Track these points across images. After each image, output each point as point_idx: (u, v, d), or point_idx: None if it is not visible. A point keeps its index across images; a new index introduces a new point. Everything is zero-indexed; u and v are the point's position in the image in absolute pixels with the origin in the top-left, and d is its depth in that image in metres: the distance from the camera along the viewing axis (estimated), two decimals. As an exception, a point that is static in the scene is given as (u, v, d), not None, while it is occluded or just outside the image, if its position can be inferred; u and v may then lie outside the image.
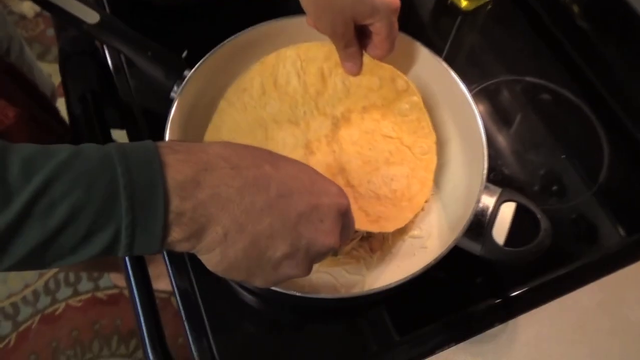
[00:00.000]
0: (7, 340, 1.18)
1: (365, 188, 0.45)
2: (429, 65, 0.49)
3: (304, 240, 0.30)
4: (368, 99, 0.48)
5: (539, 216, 0.42)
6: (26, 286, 1.24)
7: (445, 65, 0.48)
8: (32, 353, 1.17)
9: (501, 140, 0.57)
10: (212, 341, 0.45)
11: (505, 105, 0.59)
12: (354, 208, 0.44)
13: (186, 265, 0.48)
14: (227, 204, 0.27)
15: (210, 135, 0.47)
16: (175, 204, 0.26)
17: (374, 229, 0.43)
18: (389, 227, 0.44)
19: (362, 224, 0.42)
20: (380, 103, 0.48)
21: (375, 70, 0.47)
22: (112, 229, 0.25)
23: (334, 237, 0.32)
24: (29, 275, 1.25)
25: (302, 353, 0.46)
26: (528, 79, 0.61)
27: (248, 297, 0.48)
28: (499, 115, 0.59)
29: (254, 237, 0.29)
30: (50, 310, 1.21)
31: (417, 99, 0.47)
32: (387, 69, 0.47)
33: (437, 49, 0.49)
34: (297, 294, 0.39)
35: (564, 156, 0.56)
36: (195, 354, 0.45)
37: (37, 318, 1.20)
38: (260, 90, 0.48)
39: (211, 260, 0.29)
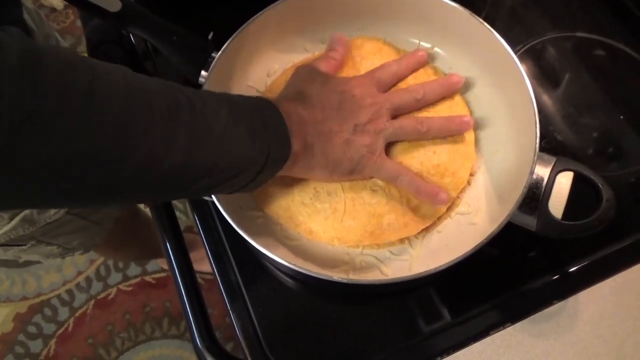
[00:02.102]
0: (65, 325, 1.24)
1: (408, 165, 0.43)
2: (468, 28, 0.46)
3: (352, 115, 0.40)
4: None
5: (600, 185, 0.39)
6: (79, 273, 1.29)
7: (486, 25, 0.45)
8: (89, 336, 1.22)
9: (551, 104, 0.53)
10: (256, 323, 0.45)
11: (554, 66, 0.55)
12: (395, 194, 0.43)
13: (226, 251, 0.47)
14: (305, 125, 0.39)
15: None
16: (288, 124, 0.37)
17: (415, 229, 0.43)
18: (427, 220, 0.43)
19: (399, 226, 0.43)
20: (412, 82, 0.47)
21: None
22: (266, 147, 0.35)
23: (371, 96, 0.42)
24: (81, 262, 1.30)
25: (347, 337, 0.44)
26: (579, 34, 0.56)
27: (289, 282, 0.47)
28: (547, 77, 0.54)
29: (329, 132, 0.39)
30: (103, 295, 1.26)
31: None
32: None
33: (475, 9, 0.45)
34: (341, 280, 0.38)
35: (622, 117, 0.52)
36: (240, 335, 0.45)
37: (91, 303, 1.25)
38: None
39: (322, 167, 0.40)
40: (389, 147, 0.44)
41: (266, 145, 0.35)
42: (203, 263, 0.85)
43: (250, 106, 0.36)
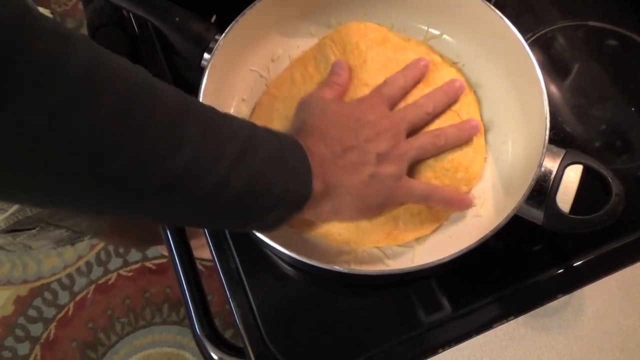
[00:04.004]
0: (65, 309, 1.24)
1: (422, 163, 0.42)
2: (479, 14, 0.45)
3: (372, 144, 0.38)
4: None
5: (610, 180, 0.38)
6: (79, 258, 1.29)
7: (497, 12, 0.43)
8: (89, 321, 1.22)
9: (561, 94, 0.52)
10: (255, 312, 0.44)
11: (564, 55, 0.54)
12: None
13: (227, 239, 0.47)
14: (327, 163, 0.36)
15: None
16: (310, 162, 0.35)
17: (430, 227, 0.42)
18: (442, 217, 0.42)
19: (415, 226, 0.42)
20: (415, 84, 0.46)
21: (410, 47, 0.47)
22: (285, 178, 0.33)
23: (389, 123, 0.40)
24: (81, 247, 1.29)
25: (347, 328, 0.44)
26: (590, 23, 0.55)
27: (290, 271, 0.46)
28: (557, 67, 0.53)
29: (352, 167, 0.37)
30: (103, 280, 1.26)
31: (455, 70, 0.47)
32: (422, 46, 0.47)
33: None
34: (343, 270, 0.37)
35: (633, 109, 0.50)
36: (239, 324, 0.44)
37: (91, 288, 1.26)
38: (300, 79, 0.47)
39: (350, 207, 0.37)
40: None
41: (286, 180, 0.33)
42: (203, 250, 0.85)
43: (270, 133, 0.34)
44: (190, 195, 0.29)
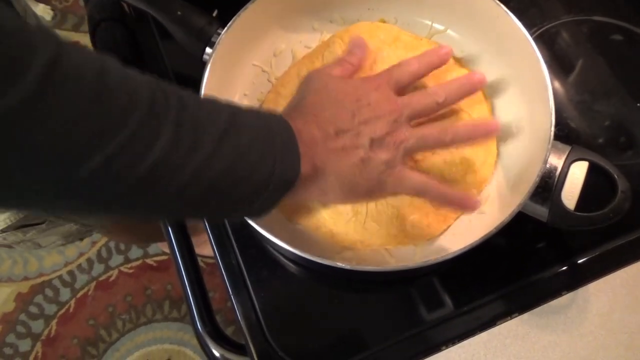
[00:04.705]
0: (67, 306, 1.24)
1: (430, 162, 0.42)
2: (483, 9, 0.44)
3: (368, 128, 0.36)
4: None
5: (616, 177, 0.37)
6: (81, 254, 1.29)
7: (502, 7, 0.43)
8: (90, 318, 1.22)
9: (565, 90, 0.51)
10: (257, 308, 0.44)
11: (569, 51, 0.53)
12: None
13: (229, 235, 0.46)
14: (316, 144, 0.35)
15: None
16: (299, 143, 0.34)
17: (437, 229, 0.42)
18: (450, 219, 0.42)
19: (423, 227, 0.42)
20: (430, 73, 0.45)
21: (423, 46, 0.47)
22: (271, 160, 0.31)
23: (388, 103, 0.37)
24: (83, 244, 1.29)
25: (350, 324, 0.44)
26: (595, 18, 0.54)
27: (292, 267, 0.46)
28: (562, 62, 0.53)
29: (343, 150, 0.35)
30: (104, 277, 1.26)
31: (466, 71, 0.46)
32: (434, 45, 0.47)
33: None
34: (345, 266, 0.37)
35: (638, 104, 0.50)
36: (241, 320, 0.44)
37: (92, 285, 1.25)
38: None
39: (336, 190, 0.36)
40: None
41: (272, 162, 0.31)
42: (205, 247, 0.85)
43: (256, 115, 0.33)
44: (167, 187, 0.28)
